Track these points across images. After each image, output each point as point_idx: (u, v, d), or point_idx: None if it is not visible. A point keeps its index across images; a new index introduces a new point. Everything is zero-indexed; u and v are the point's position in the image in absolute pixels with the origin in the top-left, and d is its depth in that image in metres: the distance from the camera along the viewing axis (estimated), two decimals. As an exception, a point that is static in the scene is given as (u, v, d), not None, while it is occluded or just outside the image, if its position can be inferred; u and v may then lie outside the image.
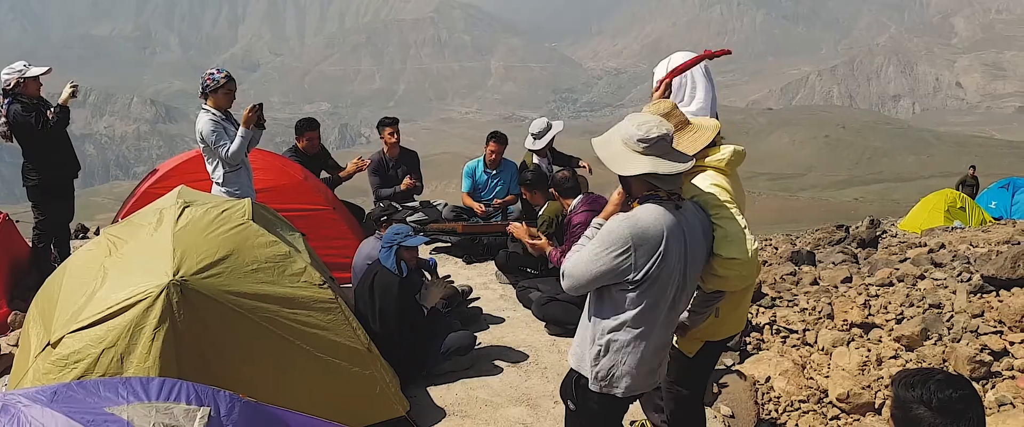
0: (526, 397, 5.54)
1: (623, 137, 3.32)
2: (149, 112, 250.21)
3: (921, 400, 2.46)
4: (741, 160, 3.90)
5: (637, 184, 3.35)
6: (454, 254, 9.06)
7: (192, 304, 4.28)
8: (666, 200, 3.31)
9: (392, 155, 9.40)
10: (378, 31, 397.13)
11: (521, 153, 9.16)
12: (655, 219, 3.26)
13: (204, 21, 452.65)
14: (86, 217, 20.85)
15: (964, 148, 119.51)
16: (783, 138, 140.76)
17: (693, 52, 4.34)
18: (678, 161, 3.32)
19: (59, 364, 4.13)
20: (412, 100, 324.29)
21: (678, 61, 4.26)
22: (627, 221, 3.25)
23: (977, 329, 6.23)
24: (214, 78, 6.41)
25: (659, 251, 3.24)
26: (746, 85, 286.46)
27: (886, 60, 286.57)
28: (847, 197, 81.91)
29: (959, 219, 16.05)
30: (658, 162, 3.25)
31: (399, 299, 5.64)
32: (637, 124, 3.29)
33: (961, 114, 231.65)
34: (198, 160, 7.67)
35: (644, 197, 3.34)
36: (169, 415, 2.85)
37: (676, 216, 3.31)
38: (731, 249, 3.49)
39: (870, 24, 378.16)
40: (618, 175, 3.37)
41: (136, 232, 4.93)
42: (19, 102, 7.04)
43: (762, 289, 8.08)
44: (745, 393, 5.78)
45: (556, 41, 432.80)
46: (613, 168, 3.33)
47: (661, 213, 3.28)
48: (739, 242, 3.51)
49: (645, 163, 3.24)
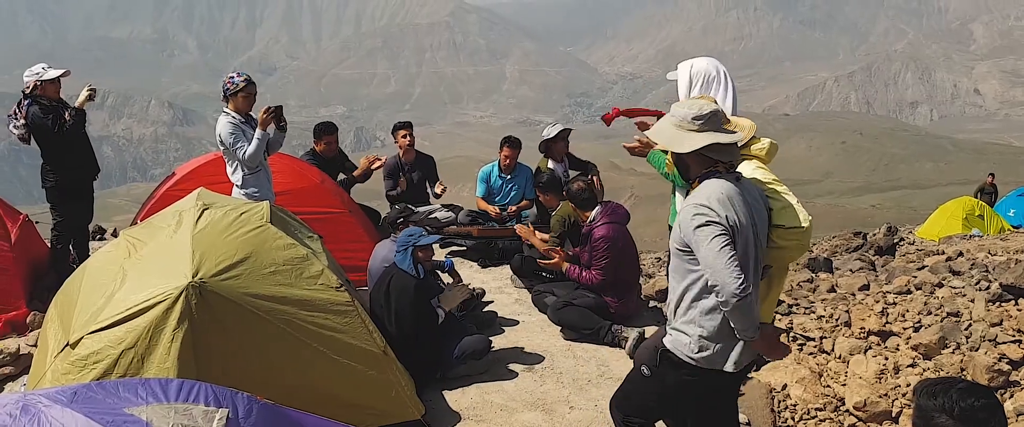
0: (541, 402, 5.53)
1: (676, 121, 3.50)
2: (167, 115, 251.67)
3: (943, 409, 2.45)
4: (775, 152, 4.08)
5: (695, 163, 3.51)
6: (469, 258, 9.07)
7: (210, 306, 4.30)
8: (726, 173, 3.48)
9: (407, 158, 9.43)
10: (394, 35, 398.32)
11: (536, 158, 9.16)
12: (719, 188, 3.41)
13: (222, 24, 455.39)
14: (103, 218, 21.02)
15: (982, 155, 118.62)
16: (800, 144, 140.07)
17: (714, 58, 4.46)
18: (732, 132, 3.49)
19: (78, 364, 4.16)
20: (427, 104, 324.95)
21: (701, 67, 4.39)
22: (693, 206, 3.38)
23: (995, 338, 6.18)
24: (234, 81, 6.48)
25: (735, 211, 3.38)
26: (763, 90, 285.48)
27: (904, 66, 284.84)
28: (864, 204, 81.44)
29: (977, 227, 15.92)
30: (715, 135, 3.42)
31: (415, 301, 5.65)
32: (688, 106, 3.50)
33: (979, 121, 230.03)
34: (217, 163, 7.72)
35: (704, 175, 3.49)
36: (188, 416, 2.87)
37: (738, 186, 3.47)
38: (791, 218, 3.67)
39: (888, 30, 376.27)
40: (676, 154, 3.57)
41: (155, 234, 4.97)
42: (38, 104, 7.10)
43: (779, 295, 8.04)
44: (761, 400, 5.76)
45: (571, 45, 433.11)
46: (673, 148, 3.52)
47: (723, 183, 3.43)
48: (798, 211, 3.69)
49: (704, 137, 3.41)
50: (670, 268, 3.68)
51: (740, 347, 3.53)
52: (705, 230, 3.31)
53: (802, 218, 3.68)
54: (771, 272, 3.81)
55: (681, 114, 3.47)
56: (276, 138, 6.81)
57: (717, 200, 3.36)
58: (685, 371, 3.59)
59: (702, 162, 3.48)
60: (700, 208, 3.35)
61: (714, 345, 3.51)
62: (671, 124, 3.51)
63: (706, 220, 3.32)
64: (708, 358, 3.52)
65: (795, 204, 3.71)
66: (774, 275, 3.87)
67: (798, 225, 3.66)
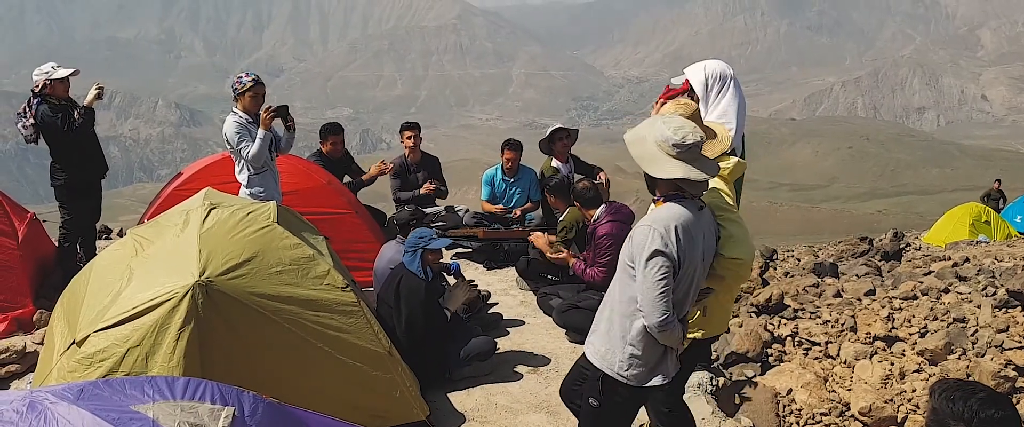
0: (546, 404, 5.53)
1: (657, 139, 3.43)
2: (173, 115, 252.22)
3: (962, 417, 2.36)
4: (741, 171, 4.13)
5: (663, 185, 3.50)
6: (475, 260, 9.08)
7: (217, 305, 4.31)
8: (689, 200, 3.48)
9: (413, 159, 9.45)
10: (400, 37, 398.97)
11: (540, 160, 9.16)
12: (679, 215, 3.42)
13: (229, 25, 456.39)
14: (109, 218, 21.03)
15: (989, 161, 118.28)
16: (806, 149, 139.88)
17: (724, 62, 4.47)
18: (707, 170, 3.44)
19: (84, 362, 4.17)
20: (433, 106, 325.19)
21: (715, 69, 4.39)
22: (651, 231, 3.37)
23: (1002, 344, 6.17)
24: (242, 81, 6.51)
25: (686, 245, 3.40)
26: (769, 95, 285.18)
27: (911, 72, 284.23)
28: (870, 209, 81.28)
29: (984, 233, 15.89)
30: (690, 168, 3.39)
31: (425, 303, 5.65)
32: (673, 129, 3.42)
33: (986, 127, 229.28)
34: (223, 163, 7.75)
35: (669, 196, 3.49)
36: (194, 414, 2.87)
37: (696, 215, 3.48)
38: (736, 250, 3.72)
39: (895, 35, 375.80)
40: (647, 174, 3.51)
41: (162, 233, 4.98)
42: (47, 103, 7.12)
43: (784, 300, 8.04)
44: (766, 405, 5.75)
45: (577, 49, 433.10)
46: (646, 169, 3.47)
47: (683, 211, 3.44)
48: (743, 243, 3.75)
49: (678, 168, 3.39)
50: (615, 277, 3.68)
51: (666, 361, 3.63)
52: (652, 260, 3.35)
53: (749, 250, 3.78)
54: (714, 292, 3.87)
55: (664, 136, 3.41)
56: (286, 139, 6.82)
57: (673, 229, 3.37)
58: (626, 392, 3.65)
59: (670, 185, 3.47)
60: (655, 235, 3.36)
61: (644, 364, 3.58)
62: (653, 140, 3.46)
63: (656, 250, 3.34)
64: (638, 376, 3.59)
65: (741, 235, 3.77)
66: (721, 293, 3.93)
67: (739, 257, 3.73)
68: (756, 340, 7.17)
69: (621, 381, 3.60)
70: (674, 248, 3.35)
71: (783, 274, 11.01)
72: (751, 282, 9.77)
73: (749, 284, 9.69)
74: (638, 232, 3.44)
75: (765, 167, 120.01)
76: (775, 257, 14.04)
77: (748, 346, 7.14)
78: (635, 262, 3.44)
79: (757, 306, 8.14)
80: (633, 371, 3.58)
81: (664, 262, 3.33)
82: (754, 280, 9.82)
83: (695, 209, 3.48)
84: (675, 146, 3.38)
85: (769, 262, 12.53)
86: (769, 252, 13.99)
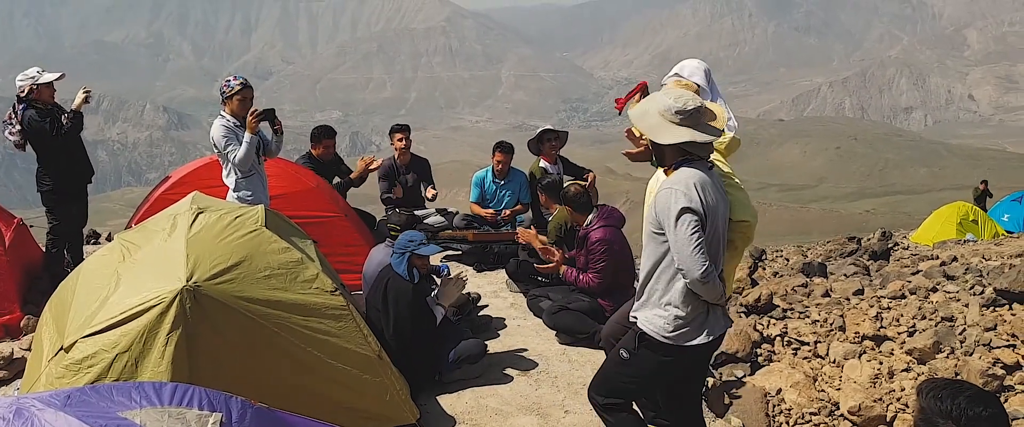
0: (536, 406, 5.53)
1: (660, 109, 3.63)
2: (161, 119, 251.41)
3: (949, 415, 2.38)
4: (736, 147, 4.34)
5: (671, 152, 3.68)
6: (465, 262, 9.07)
7: (205, 310, 4.29)
8: (699, 161, 3.66)
9: (403, 161, 9.44)
10: (390, 40, 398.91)
11: (530, 160, 9.17)
12: (695, 174, 3.60)
13: (217, 29, 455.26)
14: (97, 223, 20.95)
15: (976, 161, 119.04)
16: (794, 149, 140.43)
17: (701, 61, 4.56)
18: (711, 132, 3.68)
19: (72, 368, 4.14)
20: (423, 108, 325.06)
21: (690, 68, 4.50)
22: (673, 192, 3.55)
23: (990, 342, 6.20)
24: (230, 85, 6.48)
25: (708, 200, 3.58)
26: (757, 96, 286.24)
27: (898, 72, 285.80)
28: (858, 209, 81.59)
29: (972, 232, 15.97)
30: (694, 132, 3.59)
31: (412, 305, 5.64)
32: (674, 97, 3.63)
33: (973, 126, 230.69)
34: (211, 167, 7.72)
35: (679, 162, 3.66)
36: (182, 420, 2.86)
37: (709, 175, 3.68)
38: (743, 213, 4.00)
39: (882, 36, 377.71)
40: (655, 143, 3.71)
41: (150, 237, 4.95)
42: (33, 108, 7.08)
43: (773, 300, 8.06)
44: (756, 405, 5.76)
45: (567, 51, 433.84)
46: (654, 137, 3.67)
47: (697, 171, 3.62)
48: (748, 207, 4.04)
49: (684, 132, 3.58)
50: (644, 250, 3.83)
51: (712, 318, 3.76)
52: (681, 218, 3.50)
53: (753, 212, 4.06)
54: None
55: (666, 105, 3.60)
56: (274, 143, 6.79)
57: (694, 186, 3.54)
58: (663, 352, 3.77)
59: (678, 152, 3.65)
60: (677, 194, 3.52)
61: (689, 323, 3.70)
62: (656, 111, 3.64)
63: (682, 207, 3.49)
64: (685, 335, 3.71)
65: (744, 199, 4.03)
66: (730, 258, 4.12)
67: (746, 220, 4.01)
68: (745, 340, 7.18)
69: (666, 342, 3.73)
70: (700, 203, 3.51)
71: (772, 274, 11.03)
72: (740, 282, 9.79)
73: (738, 284, 9.71)
74: (660, 196, 3.59)
75: (754, 168, 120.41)
76: (764, 257, 14.07)
77: (737, 346, 7.15)
78: (663, 226, 3.59)
79: (746, 306, 8.15)
80: (678, 332, 3.71)
81: (693, 217, 3.49)
82: (743, 280, 9.84)
83: (706, 169, 3.67)
84: (677, 113, 3.57)
85: (758, 262, 12.56)
86: (758, 252, 14.02)
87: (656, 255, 3.72)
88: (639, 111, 3.73)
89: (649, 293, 3.80)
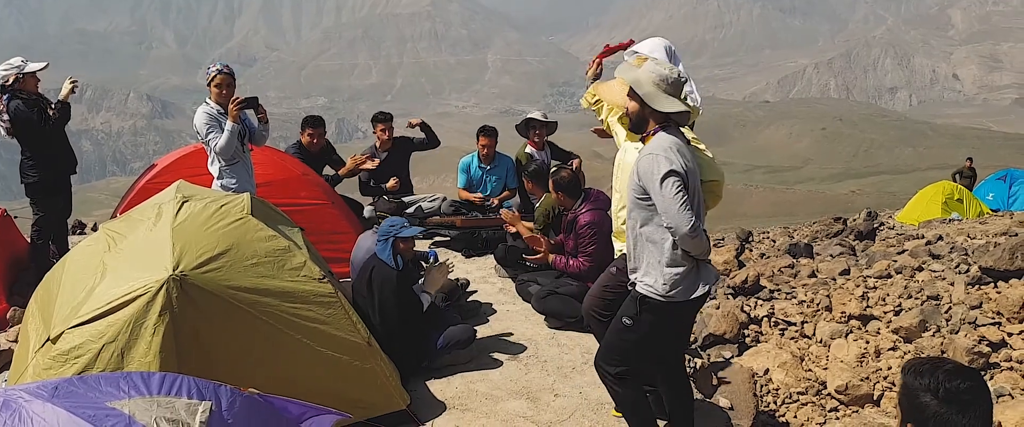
0: (526, 390, 5.54)
1: (656, 79, 3.91)
2: (146, 107, 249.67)
3: (929, 388, 2.44)
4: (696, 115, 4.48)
5: (654, 119, 3.97)
6: (453, 248, 9.06)
7: (192, 299, 4.28)
8: (674, 128, 3.99)
9: (384, 150, 9.41)
10: (375, 25, 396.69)
11: (518, 144, 9.15)
12: (673, 140, 3.91)
13: (200, 16, 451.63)
14: (83, 213, 20.83)
15: (961, 140, 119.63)
16: (780, 131, 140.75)
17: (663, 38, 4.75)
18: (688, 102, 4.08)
19: (59, 359, 4.13)
20: (409, 94, 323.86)
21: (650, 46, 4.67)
22: (655, 157, 3.82)
23: (975, 320, 6.25)
24: (210, 72, 6.45)
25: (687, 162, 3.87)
26: (743, 78, 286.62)
27: (883, 52, 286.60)
28: (844, 189, 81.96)
29: (957, 211, 16.06)
30: (679, 103, 3.93)
31: (398, 292, 5.64)
32: (667, 68, 3.95)
33: (958, 106, 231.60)
34: (196, 155, 7.68)
35: (659, 128, 3.95)
36: (171, 409, 2.86)
37: (683, 140, 4.00)
38: (712, 172, 4.33)
39: (867, 16, 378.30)
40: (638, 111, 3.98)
41: (135, 227, 4.92)
42: (19, 98, 7.02)
43: (760, 282, 8.10)
44: (744, 385, 5.79)
45: (553, 35, 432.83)
46: (652, 104, 3.90)
47: (674, 138, 3.93)
48: (715, 167, 4.39)
49: (676, 103, 3.90)
50: (628, 219, 4.11)
51: (704, 272, 4.01)
52: (666, 180, 3.76)
53: (721, 172, 4.42)
54: None
55: (660, 73, 3.91)
56: (260, 131, 6.75)
57: (673, 150, 3.84)
58: (665, 311, 4.01)
59: (660, 118, 3.94)
60: (660, 159, 3.79)
61: (684, 279, 3.94)
62: (650, 81, 3.91)
63: (667, 171, 3.76)
64: (683, 291, 3.95)
65: (710, 161, 4.38)
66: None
67: (715, 179, 4.35)
68: (733, 321, 7.23)
69: (666, 301, 3.95)
70: (681, 166, 3.79)
71: (759, 255, 11.09)
72: (727, 264, 9.83)
73: (726, 266, 9.75)
74: (643, 162, 3.87)
75: (740, 150, 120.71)
76: (751, 239, 14.12)
77: (725, 328, 7.19)
78: (648, 190, 3.85)
79: (733, 287, 8.19)
80: (676, 289, 3.93)
81: (676, 179, 3.75)
82: (730, 262, 9.88)
83: (681, 136, 3.99)
84: (672, 83, 3.90)
85: (745, 244, 12.61)
86: (745, 234, 14.07)
87: (642, 220, 3.98)
88: (638, 79, 3.94)
89: (640, 258, 4.03)
